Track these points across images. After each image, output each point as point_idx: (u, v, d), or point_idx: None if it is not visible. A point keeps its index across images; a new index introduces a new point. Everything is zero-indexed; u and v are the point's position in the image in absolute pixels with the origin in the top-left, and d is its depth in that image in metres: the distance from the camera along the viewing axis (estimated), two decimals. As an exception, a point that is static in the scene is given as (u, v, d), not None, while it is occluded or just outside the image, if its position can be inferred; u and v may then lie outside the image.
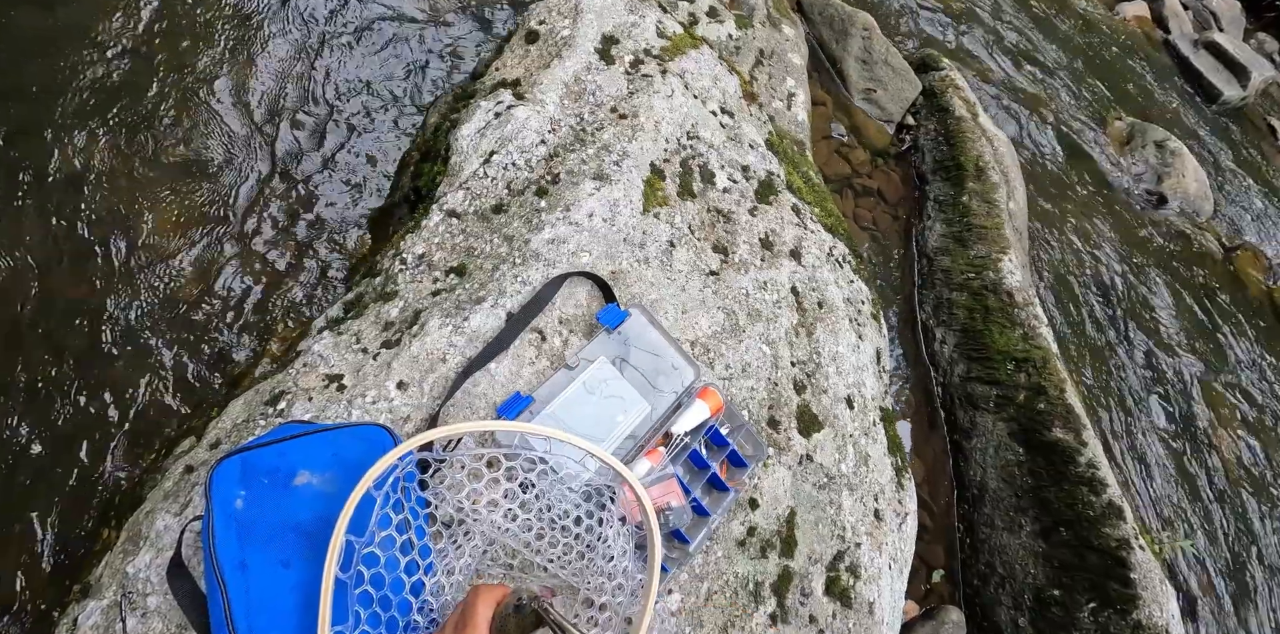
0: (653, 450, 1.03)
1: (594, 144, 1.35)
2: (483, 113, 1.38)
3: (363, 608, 0.76)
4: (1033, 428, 1.98)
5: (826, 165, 2.30)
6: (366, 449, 0.85)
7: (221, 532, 0.79)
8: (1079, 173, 3.08)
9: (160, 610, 0.83)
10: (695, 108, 1.58)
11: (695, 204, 1.41)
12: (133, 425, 1.26)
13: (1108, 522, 1.81)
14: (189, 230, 1.50)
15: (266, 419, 0.97)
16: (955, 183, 2.45)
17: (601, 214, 1.24)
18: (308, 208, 1.60)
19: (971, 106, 2.65)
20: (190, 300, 1.43)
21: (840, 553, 1.25)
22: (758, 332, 1.31)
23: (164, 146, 1.56)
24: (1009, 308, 2.14)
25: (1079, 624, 1.77)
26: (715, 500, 1.09)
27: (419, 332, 1.03)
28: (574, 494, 0.87)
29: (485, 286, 1.10)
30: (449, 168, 1.33)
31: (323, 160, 1.68)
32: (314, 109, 1.74)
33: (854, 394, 1.43)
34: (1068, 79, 3.47)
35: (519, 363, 1.04)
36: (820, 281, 1.50)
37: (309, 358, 1.04)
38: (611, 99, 1.47)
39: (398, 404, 0.96)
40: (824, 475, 1.28)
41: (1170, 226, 3.15)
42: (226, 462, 0.82)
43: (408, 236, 1.23)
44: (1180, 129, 3.66)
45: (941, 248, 2.35)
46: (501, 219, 1.22)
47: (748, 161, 1.60)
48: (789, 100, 2.17)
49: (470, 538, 0.86)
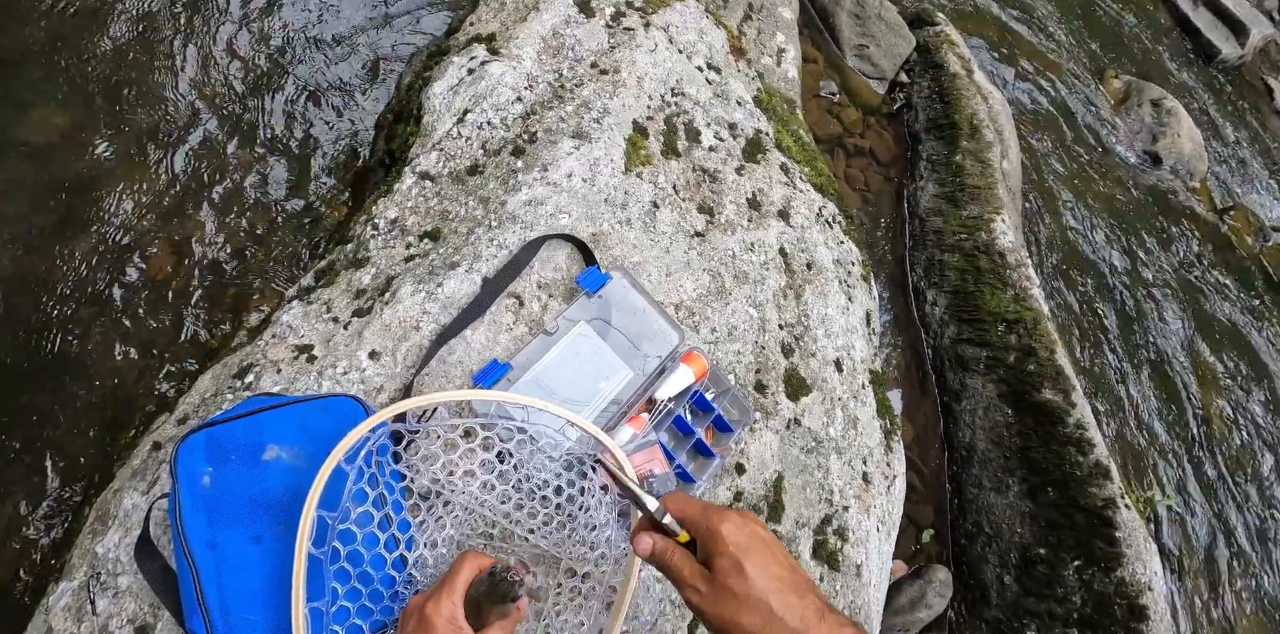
0: (636, 417, 1.01)
1: (573, 101, 1.29)
2: (455, 69, 1.31)
3: (340, 584, 0.74)
4: (1022, 389, 1.98)
5: (817, 124, 2.23)
6: (337, 422, 0.82)
7: (189, 510, 0.76)
8: (1074, 132, 3.02)
9: (132, 590, 0.81)
10: (680, 63, 1.51)
11: (680, 163, 1.36)
12: (104, 403, 1.23)
13: (1094, 481, 1.82)
14: (156, 200, 1.43)
15: (235, 393, 0.93)
16: (949, 142, 2.39)
17: (581, 174, 1.19)
18: (281, 175, 1.54)
19: (966, 63, 2.57)
20: (160, 273, 1.37)
21: (828, 516, 1.25)
22: (744, 294, 1.27)
23: (125, 113, 1.48)
24: (1001, 269, 2.12)
25: (1063, 582, 1.79)
26: (701, 466, 1.07)
27: (391, 299, 0.99)
28: (554, 463, 0.84)
29: (460, 251, 1.06)
30: (421, 128, 1.27)
31: (296, 125, 1.60)
32: (286, 71, 1.65)
33: (843, 357, 1.41)
34: (1065, 34, 3.37)
35: (496, 329, 1.00)
36: (809, 242, 1.46)
37: (278, 329, 1.00)
38: (591, 54, 1.40)
39: (370, 374, 0.93)
40: (812, 439, 1.27)
41: (1164, 187, 3.11)
42: (192, 437, 0.79)
43: (380, 201, 1.18)
44: (1177, 88, 3.58)
45: (933, 208, 2.31)
46: (477, 180, 1.17)
47: (735, 119, 1.54)
48: (779, 56, 2.09)
49: (451, 510, 0.84)
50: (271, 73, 1.64)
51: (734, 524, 0.54)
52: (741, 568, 0.51)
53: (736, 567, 0.51)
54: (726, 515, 0.55)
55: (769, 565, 0.52)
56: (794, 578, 0.52)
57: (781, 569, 0.52)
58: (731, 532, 0.54)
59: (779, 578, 0.51)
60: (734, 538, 0.53)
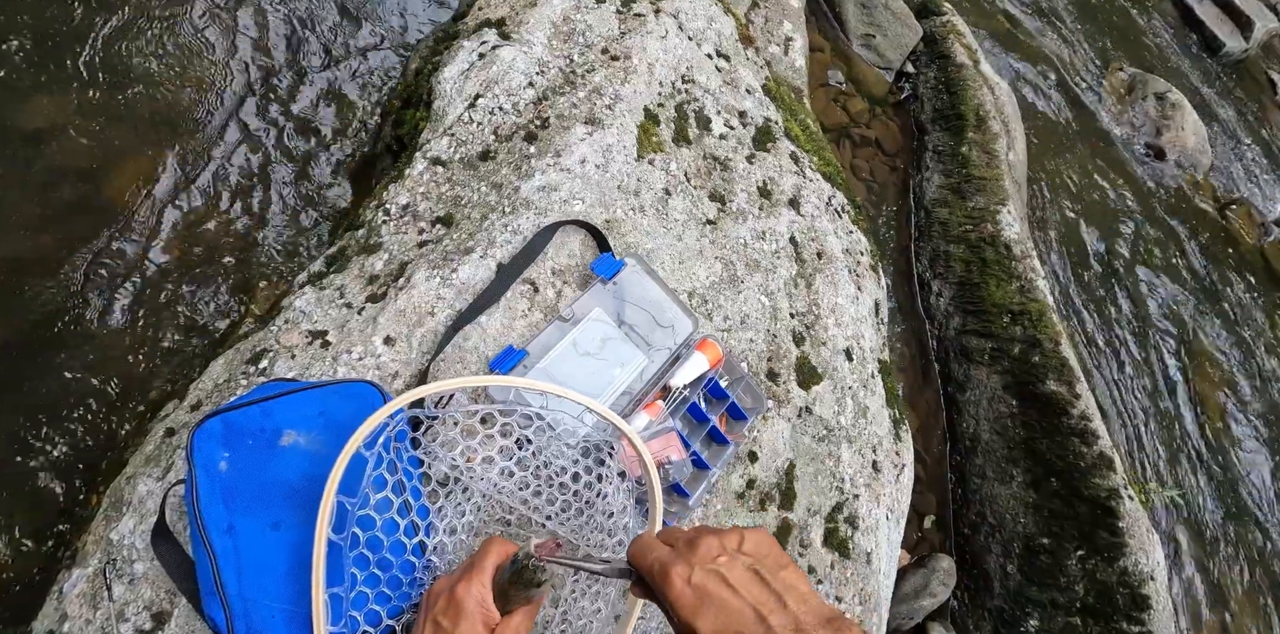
0: (651, 404, 1.00)
1: (585, 87, 1.28)
2: (466, 53, 1.30)
3: (359, 570, 0.73)
4: (1026, 380, 1.98)
5: (824, 114, 2.22)
6: (356, 407, 0.81)
7: (206, 495, 0.76)
8: (1078, 124, 3.01)
9: (148, 576, 0.80)
10: (690, 50, 1.49)
11: (691, 151, 1.35)
12: (114, 390, 1.22)
13: (1098, 472, 1.83)
14: (162, 186, 1.41)
15: (248, 378, 0.92)
16: (955, 133, 2.38)
17: (594, 160, 1.18)
18: (285, 161, 1.52)
19: (973, 53, 2.56)
20: (167, 260, 1.36)
21: (839, 504, 1.25)
22: (756, 282, 1.27)
23: (129, 98, 1.46)
24: (1006, 260, 2.12)
25: (1066, 571, 1.80)
26: (715, 454, 1.07)
27: (405, 284, 0.98)
28: (572, 450, 0.84)
29: (474, 237, 1.05)
30: (432, 113, 1.26)
31: (299, 112, 1.58)
32: (289, 56, 1.63)
33: (853, 346, 1.41)
34: (1071, 26, 3.36)
35: (511, 315, 0.99)
36: (819, 231, 1.46)
37: (290, 314, 0.99)
38: (602, 39, 1.38)
39: (385, 360, 0.92)
40: (823, 427, 1.27)
41: (1167, 181, 3.11)
42: (208, 423, 0.79)
43: (391, 186, 1.16)
44: (1181, 81, 3.57)
45: (939, 199, 2.31)
46: (489, 166, 1.16)
47: (745, 107, 1.53)
48: (786, 45, 2.08)
49: (469, 496, 0.83)
50: (274, 57, 1.62)
51: (679, 580, 0.51)
52: (694, 632, 0.50)
53: (689, 631, 0.50)
54: (672, 568, 0.52)
55: (722, 618, 0.49)
56: (756, 616, 0.49)
57: (740, 612, 0.49)
58: (679, 595, 0.51)
59: (739, 625, 0.49)
60: (682, 601, 0.51)
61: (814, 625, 0.48)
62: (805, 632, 0.47)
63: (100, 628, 0.78)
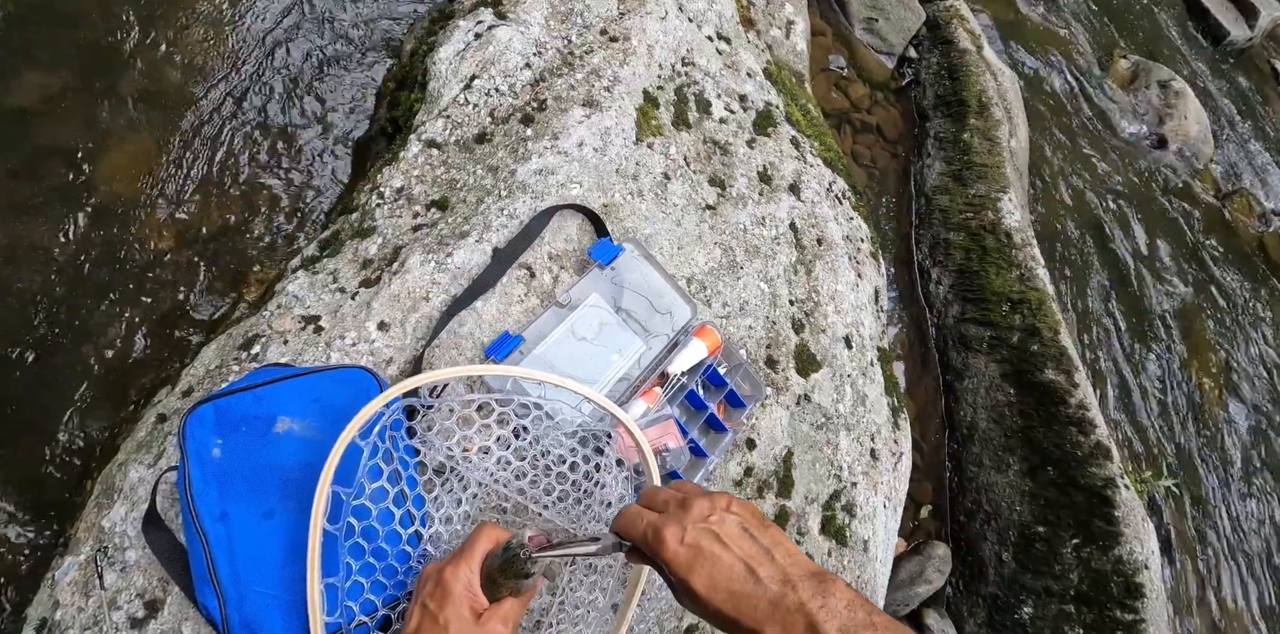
0: (649, 391, 0.99)
1: (583, 68, 1.25)
2: (462, 33, 1.27)
3: (354, 559, 0.72)
4: (1025, 369, 1.97)
5: (825, 99, 2.19)
6: (350, 393, 0.80)
7: (199, 482, 0.74)
8: (1081, 111, 2.99)
9: (140, 564, 0.79)
10: (690, 32, 1.47)
11: (690, 134, 1.32)
12: (107, 377, 1.20)
13: (1095, 461, 1.83)
14: (154, 170, 1.39)
15: (240, 364, 0.91)
16: (956, 119, 2.35)
17: (592, 143, 1.16)
18: (278, 145, 1.49)
19: (976, 39, 2.52)
20: (159, 245, 1.34)
21: (836, 492, 1.25)
22: (756, 269, 1.25)
23: (122, 80, 1.43)
24: (1007, 249, 2.10)
25: (1061, 559, 1.81)
26: (713, 441, 1.06)
27: (399, 269, 0.97)
28: (569, 439, 0.83)
29: (469, 220, 1.03)
30: (427, 94, 1.23)
31: (294, 94, 1.56)
32: (283, 37, 1.60)
33: (852, 334, 1.39)
34: (1074, 12, 3.32)
35: (507, 301, 0.98)
36: (820, 218, 1.44)
37: (283, 299, 0.97)
38: (601, 20, 1.36)
39: (379, 346, 0.91)
40: (822, 415, 1.26)
41: (1168, 169, 3.09)
42: (200, 409, 0.77)
43: (385, 169, 1.14)
44: (1184, 69, 3.54)
45: (940, 187, 2.29)
46: (485, 149, 1.14)
47: (745, 91, 1.50)
48: (787, 28, 2.05)
49: (465, 485, 0.82)
50: (268, 40, 1.59)
51: (674, 541, 0.53)
52: (689, 588, 0.51)
53: (685, 588, 0.51)
54: (666, 529, 0.53)
55: (714, 573, 0.51)
56: (747, 569, 0.50)
57: (731, 566, 0.51)
58: (674, 554, 0.52)
59: (730, 580, 0.50)
60: (678, 559, 0.52)
61: (800, 577, 0.49)
62: (792, 582, 0.49)
63: (93, 616, 0.78)
